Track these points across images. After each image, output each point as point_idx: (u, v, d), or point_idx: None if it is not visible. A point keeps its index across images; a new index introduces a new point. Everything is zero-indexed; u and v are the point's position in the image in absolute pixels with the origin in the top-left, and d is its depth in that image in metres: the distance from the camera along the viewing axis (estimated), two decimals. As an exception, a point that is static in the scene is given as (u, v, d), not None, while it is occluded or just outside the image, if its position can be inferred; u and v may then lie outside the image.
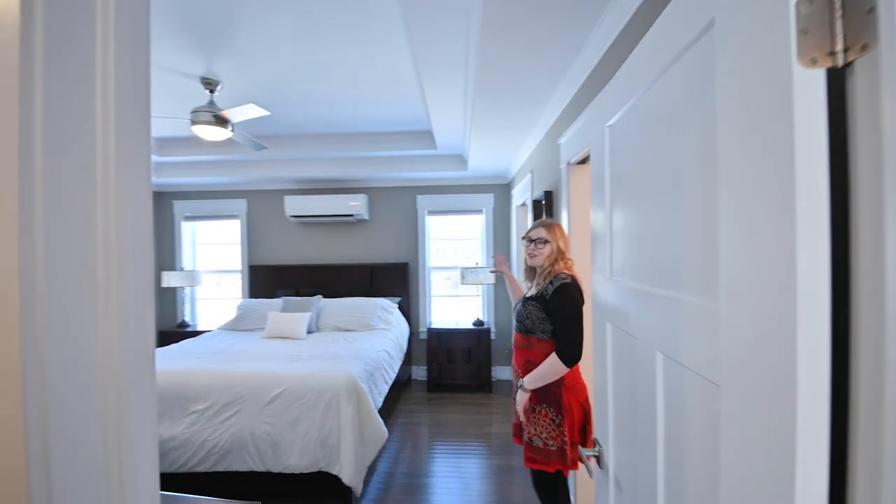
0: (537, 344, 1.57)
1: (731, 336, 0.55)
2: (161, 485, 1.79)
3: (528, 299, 1.63)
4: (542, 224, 1.66)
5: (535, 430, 1.56)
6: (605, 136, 1.16)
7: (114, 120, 0.41)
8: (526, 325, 1.59)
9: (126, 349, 0.41)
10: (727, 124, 0.57)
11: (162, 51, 2.10)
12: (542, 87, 2.04)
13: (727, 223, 0.57)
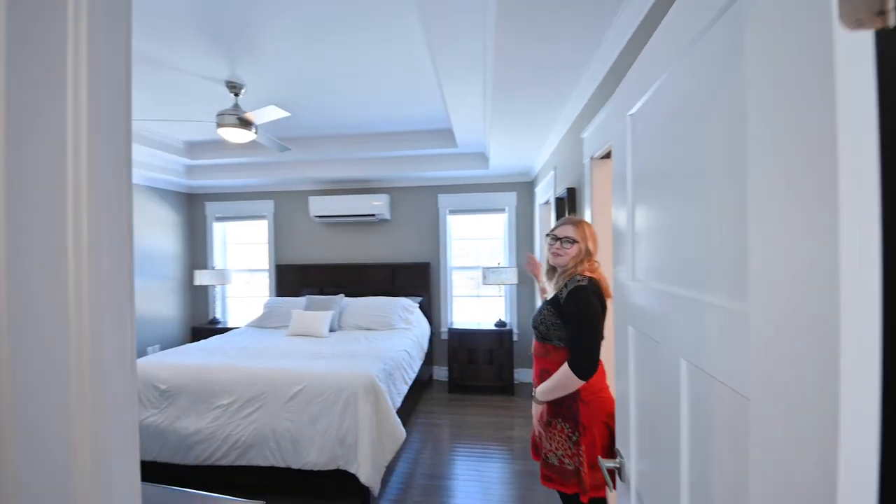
0: (553, 352, 1.44)
1: (762, 343, 0.49)
2: (187, 476, 1.83)
3: (545, 303, 1.52)
4: (571, 221, 1.50)
5: (551, 445, 1.44)
6: (626, 127, 1.09)
7: (86, 112, 0.40)
8: (541, 331, 1.46)
9: (100, 347, 0.40)
10: (757, 104, 0.50)
11: (188, 57, 2.17)
12: (562, 81, 1.97)
13: (757, 212, 0.50)
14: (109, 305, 0.44)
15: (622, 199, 1.12)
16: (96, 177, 0.42)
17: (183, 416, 2.35)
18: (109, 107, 0.44)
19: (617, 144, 1.18)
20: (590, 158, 1.94)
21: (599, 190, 1.92)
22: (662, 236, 0.88)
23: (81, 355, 0.40)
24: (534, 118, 2.40)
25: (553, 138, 2.75)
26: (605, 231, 1.89)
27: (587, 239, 1.47)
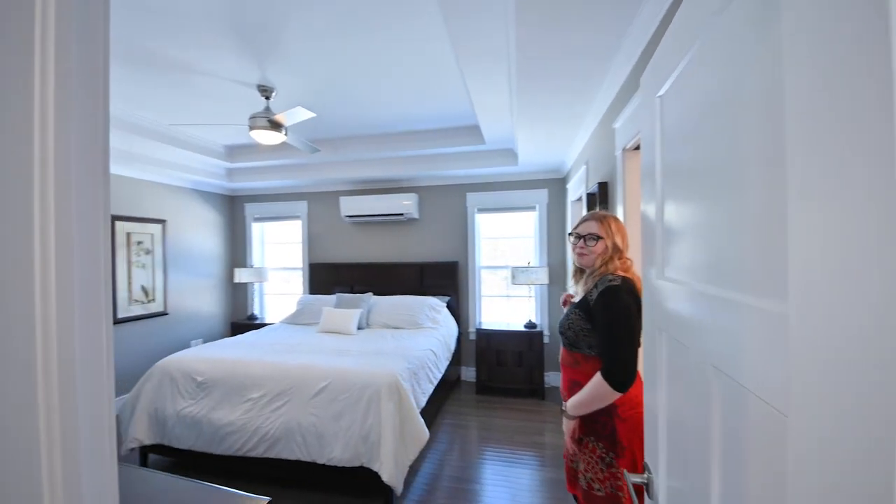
0: (583, 361, 1.29)
1: (802, 349, 0.41)
2: (221, 466, 1.88)
3: (573, 305, 1.37)
4: (594, 217, 1.38)
5: (583, 466, 1.29)
6: (655, 110, 1.00)
7: (53, 104, 0.39)
8: (569, 338, 1.32)
9: (71, 340, 0.39)
10: (796, 73, 0.42)
11: (221, 62, 2.26)
12: (589, 71, 1.86)
13: (797, 190, 0.42)
14: (80, 308, 0.43)
15: (651, 192, 1.03)
16: (65, 172, 0.41)
17: (217, 407, 2.45)
18: (81, 97, 0.43)
19: (646, 131, 1.08)
20: (622, 150, 1.82)
21: (632, 183, 1.80)
22: (692, 226, 0.79)
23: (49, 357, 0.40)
24: (562, 110, 2.30)
25: (584, 131, 2.62)
26: (639, 227, 1.77)
27: (614, 234, 1.33)
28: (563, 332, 1.36)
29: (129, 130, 3.01)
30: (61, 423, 0.40)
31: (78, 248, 0.44)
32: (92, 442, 0.44)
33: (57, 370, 0.40)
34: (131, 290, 3.65)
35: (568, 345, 1.35)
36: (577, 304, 1.34)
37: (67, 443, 0.41)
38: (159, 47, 2.10)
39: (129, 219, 3.64)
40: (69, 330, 0.41)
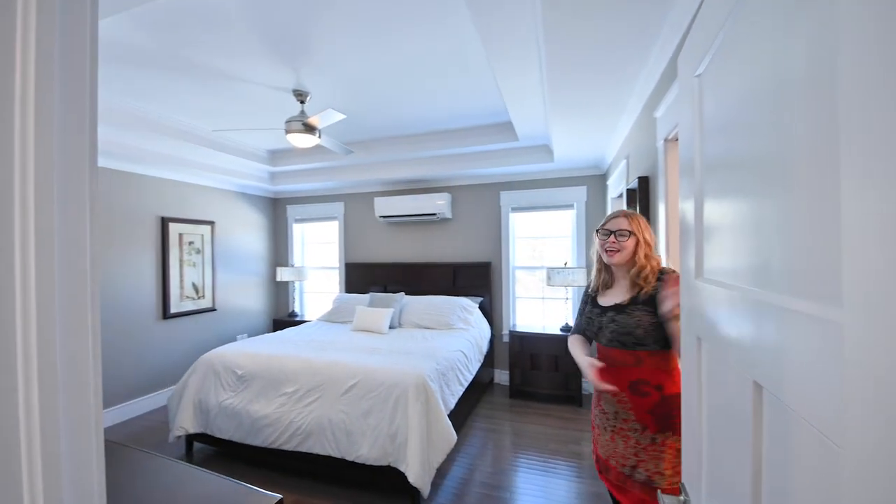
0: (648, 358, 1.27)
1: (860, 366, 0.32)
2: (257, 458, 1.97)
3: (627, 307, 1.31)
4: (622, 214, 1.39)
5: (657, 465, 1.25)
6: (693, 92, 0.89)
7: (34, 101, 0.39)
8: (636, 336, 1.28)
9: (49, 354, 0.39)
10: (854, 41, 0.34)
11: (258, 68, 2.35)
12: (626, 56, 1.73)
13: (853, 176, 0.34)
14: (63, 304, 0.43)
15: (690, 184, 0.92)
16: (46, 164, 0.41)
17: (255, 400, 2.55)
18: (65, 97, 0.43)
19: (684, 117, 0.98)
20: (663, 141, 1.68)
21: (675, 177, 1.65)
22: (737, 225, 0.69)
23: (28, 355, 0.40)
24: (598, 99, 2.17)
25: (624, 123, 2.47)
26: (679, 224, 1.63)
27: (642, 230, 1.34)
28: (625, 332, 1.29)
29: (181, 138, 3.22)
30: (41, 425, 0.40)
31: (61, 243, 0.43)
32: (75, 444, 0.44)
33: (37, 369, 0.40)
34: (183, 287, 3.92)
35: (632, 344, 1.29)
36: (638, 303, 1.30)
37: (48, 446, 0.40)
38: (202, 57, 2.22)
39: (180, 220, 3.90)
40: (50, 327, 0.41)
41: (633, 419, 1.27)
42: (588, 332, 1.46)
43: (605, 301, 1.42)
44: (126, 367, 3.47)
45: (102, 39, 2.01)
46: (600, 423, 1.38)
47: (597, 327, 1.39)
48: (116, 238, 3.41)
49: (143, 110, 2.92)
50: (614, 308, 1.35)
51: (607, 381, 1.34)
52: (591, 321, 1.42)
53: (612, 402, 1.33)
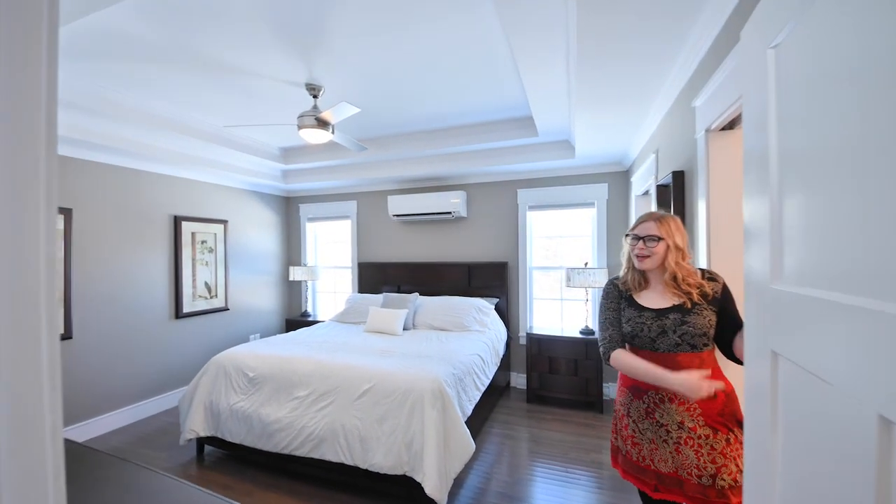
0: (708, 357, 1.27)
1: None
2: (270, 463, 1.86)
3: (693, 307, 1.26)
4: (652, 217, 1.34)
5: (739, 464, 1.19)
6: (767, 68, 0.76)
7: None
8: (709, 337, 1.25)
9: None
10: None
11: (270, 62, 2.27)
12: (664, 42, 1.60)
13: None
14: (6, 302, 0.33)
15: (761, 179, 0.80)
16: None
17: (266, 403, 2.48)
18: None
19: (752, 101, 0.85)
20: (704, 131, 1.54)
21: (719, 169, 1.51)
22: (835, 223, 0.56)
23: None
24: (630, 88, 2.02)
25: (654, 114, 2.32)
26: (731, 222, 1.49)
27: (673, 234, 1.30)
28: (703, 333, 1.24)
29: (192, 134, 3.17)
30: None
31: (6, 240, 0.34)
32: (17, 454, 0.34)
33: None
34: (195, 286, 3.88)
35: (703, 346, 1.25)
36: (705, 305, 1.27)
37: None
38: (211, 50, 2.15)
39: (193, 219, 3.87)
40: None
41: (704, 424, 1.20)
42: (638, 339, 1.32)
43: (651, 302, 1.33)
44: (138, 367, 3.45)
45: (108, 32, 1.95)
46: (655, 436, 1.27)
47: (656, 332, 1.28)
48: (129, 237, 3.39)
49: (152, 106, 2.87)
50: (676, 310, 1.27)
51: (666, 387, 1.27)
52: (648, 327, 1.30)
53: (673, 413, 1.25)
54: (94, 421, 3.10)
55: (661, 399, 1.27)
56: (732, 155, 1.50)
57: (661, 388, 1.25)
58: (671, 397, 1.25)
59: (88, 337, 3.10)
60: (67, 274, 2.96)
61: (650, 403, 1.29)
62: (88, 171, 3.13)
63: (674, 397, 1.25)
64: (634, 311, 1.35)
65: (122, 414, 3.30)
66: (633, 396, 1.34)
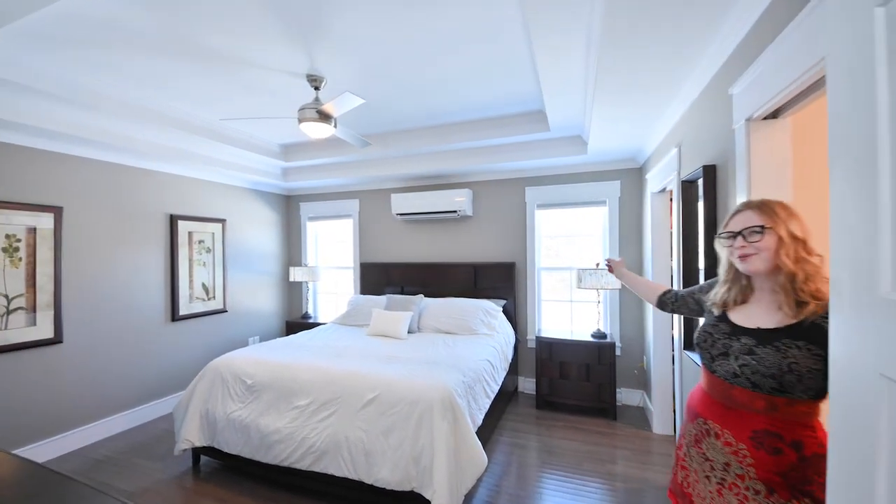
0: (787, 407, 0.93)
1: None
2: (269, 476, 1.61)
3: (777, 336, 0.96)
4: (748, 206, 1.04)
5: None
6: (874, 32, 0.62)
7: None
8: (782, 382, 0.92)
9: None
10: None
11: (269, 49, 2.13)
12: (699, 22, 1.46)
13: None
14: None
15: (862, 165, 0.65)
16: None
17: (265, 413, 2.34)
18: None
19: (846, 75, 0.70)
20: (745, 121, 1.40)
21: (763, 163, 1.37)
22: None
23: None
24: (652, 81, 1.88)
25: (677, 105, 2.17)
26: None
27: (786, 221, 0.97)
28: (771, 374, 0.94)
29: (189, 130, 3.03)
30: None
31: None
32: None
33: None
34: (192, 287, 3.75)
35: (771, 389, 0.94)
36: (801, 330, 0.93)
37: None
38: (206, 38, 2.01)
39: (190, 218, 3.73)
40: None
41: (755, 478, 0.96)
42: (703, 349, 1.11)
43: (742, 318, 1.06)
44: (133, 372, 3.31)
45: (95, 18, 1.81)
46: (699, 468, 1.08)
47: (718, 350, 1.06)
48: (123, 236, 3.25)
49: (145, 99, 2.73)
50: (755, 334, 1.00)
51: (715, 420, 1.03)
52: (714, 340, 1.08)
53: (721, 451, 1.02)
54: (85, 429, 2.97)
55: (708, 430, 1.06)
56: (777, 146, 1.36)
57: (710, 417, 1.05)
58: (717, 432, 1.03)
59: (80, 341, 2.96)
60: (57, 275, 2.82)
61: (700, 431, 1.09)
62: (79, 168, 3.00)
63: (720, 433, 1.03)
64: (715, 318, 1.12)
65: (115, 421, 3.17)
66: (688, 418, 1.15)
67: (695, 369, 2.01)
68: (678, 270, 2.25)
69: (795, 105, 1.25)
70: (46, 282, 2.76)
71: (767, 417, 0.95)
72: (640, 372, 3.58)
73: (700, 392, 1.13)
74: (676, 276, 2.32)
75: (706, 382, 1.10)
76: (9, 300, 2.58)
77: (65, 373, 2.87)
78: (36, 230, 2.72)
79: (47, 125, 2.53)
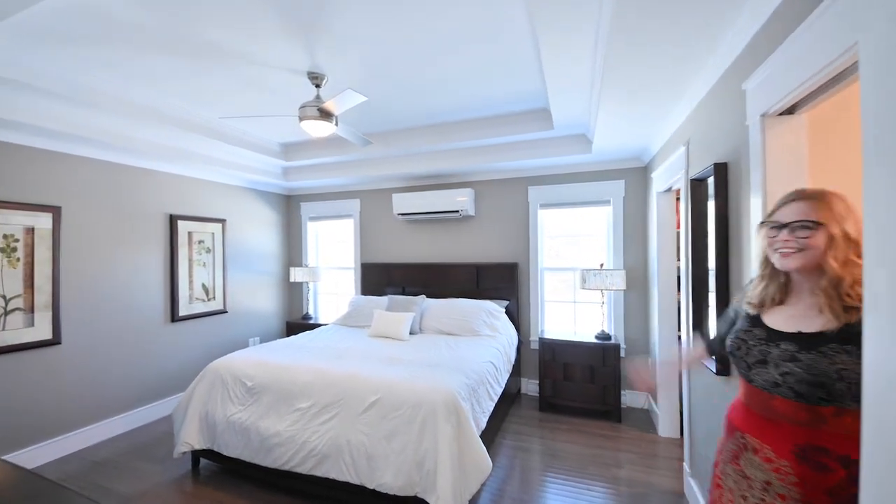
0: (834, 419, 0.86)
1: None
2: (269, 480, 1.51)
3: (823, 340, 0.87)
4: (802, 196, 0.93)
5: None
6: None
7: None
8: (831, 390, 0.85)
9: None
10: None
11: (270, 46, 2.09)
12: (712, 16, 1.42)
13: None
14: None
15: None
16: None
17: (265, 415, 2.31)
18: None
19: (883, 48, 0.66)
20: (759, 116, 1.36)
21: (779, 160, 1.33)
22: None
23: None
24: (666, 71, 1.83)
25: (685, 102, 2.13)
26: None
27: (842, 218, 0.87)
28: (819, 382, 0.85)
29: (188, 129, 3.00)
30: None
31: None
32: None
33: None
34: (192, 288, 3.71)
35: (818, 399, 0.86)
36: (854, 337, 0.83)
37: None
38: (205, 34, 1.97)
39: (190, 218, 3.70)
40: None
41: (798, 498, 0.87)
42: (735, 358, 1.04)
43: (778, 322, 0.97)
44: (133, 373, 3.28)
45: (93, 13, 1.77)
46: (736, 487, 1.00)
47: (754, 358, 0.97)
48: (122, 236, 3.22)
49: (143, 96, 2.69)
50: (796, 338, 0.92)
51: (753, 433, 0.96)
52: (749, 347, 1.00)
53: (760, 468, 0.94)
54: (84, 431, 2.93)
55: (745, 445, 0.98)
56: (794, 142, 1.32)
57: (748, 431, 0.98)
58: (755, 448, 0.96)
59: (79, 342, 2.93)
60: (56, 275, 2.79)
61: (738, 446, 1.01)
62: (78, 168, 2.96)
63: (758, 447, 0.95)
64: (748, 322, 1.04)
65: (114, 423, 3.13)
66: (726, 433, 1.08)
67: (705, 373, 1.97)
68: (686, 271, 2.21)
69: (813, 100, 1.21)
70: (45, 282, 2.73)
71: (812, 430, 0.87)
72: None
73: (739, 404, 1.06)
74: (684, 277, 2.27)
75: (744, 393, 1.03)
76: (6, 301, 2.55)
77: (63, 374, 2.84)
78: (34, 230, 2.69)
79: (45, 123, 2.49)
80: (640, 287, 3.55)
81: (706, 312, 2.02)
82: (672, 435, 3.01)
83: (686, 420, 2.36)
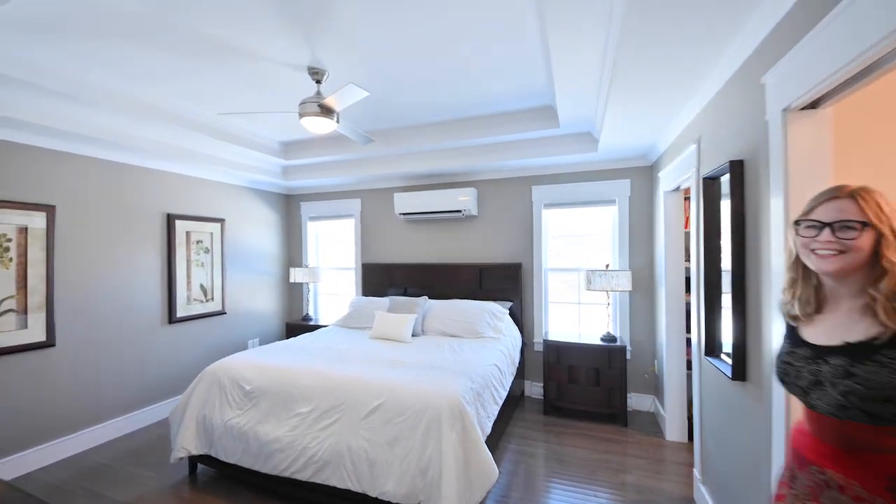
0: None
1: None
2: (268, 486, 1.35)
3: (877, 348, 0.78)
4: (843, 192, 0.85)
5: None
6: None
7: None
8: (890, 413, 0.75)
9: None
10: None
11: (270, 41, 2.03)
12: (728, 11, 1.36)
13: None
14: None
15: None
16: None
17: (264, 420, 2.24)
18: None
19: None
20: (781, 111, 1.30)
21: (802, 157, 1.27)
22: None
23: None
24: (678, 65, 1.77)
25: (698, 99, 2.06)
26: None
27: (890, 219, 0.80)
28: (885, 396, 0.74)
29: (186, 126, 2.93)
30: None
31: None
32: None
33: None
34: (190, 288, 3.65)
35: (890, 418, 0.76)
36: None
37: None
38: (202, 28, 1.91)
39: (188, 217, 3.63)
40: None
41: None
42: (789, 385, 0.92)
43: (819, 336, 0.88)
44: (129, 375, 3.21)
45: (89, 5, 1.71)
46: None
47: (807, 381, 0.86)
48: (118, 236, 3.15)
49: (140, 93, 2.63)
50: (844, 351, 0.82)
51: (835, 468, 0.82)
52: (798, 370, 0.89)
53: (836, 498, 0.82)
54: (78, 435, 2.86)
55: (826, 482, 0.85)
56: (818, 138, 1.26)
57: (826, 465, 0.85)
58: (841, 485, 0.82)
59: (73, 344, 2.86)
60: (50, 276, 2.72)
61: (815, 483, 0.87)
62: (73, 165, 2.90)
63: (844, 485, 0.81)
64: (788, 343, 0.94)
65: (109, 427, 3.06)
66: (797, 465, 0.94)
67: (719, 377, 1.91)
68: (698, 272, 2.15)
69: (840, 93, 1.15)
70: (38, 283, 2.66)
71: (890, 457, 0.77)
72: (650, 376, 3.48)
73: (805, 433, 0.93)
74: (695, 278, 2.21)
75: (808, 422, 0.91)
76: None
77: (57, 377, 2.77)
78: (27, 229, 2.62)
79: (38, 120, 2.43)
80: (647, 288, 3.49)
81: (719, 314, 1.96)
82: (680, 439, 2.95)
83: (697, 426, 2.29)
